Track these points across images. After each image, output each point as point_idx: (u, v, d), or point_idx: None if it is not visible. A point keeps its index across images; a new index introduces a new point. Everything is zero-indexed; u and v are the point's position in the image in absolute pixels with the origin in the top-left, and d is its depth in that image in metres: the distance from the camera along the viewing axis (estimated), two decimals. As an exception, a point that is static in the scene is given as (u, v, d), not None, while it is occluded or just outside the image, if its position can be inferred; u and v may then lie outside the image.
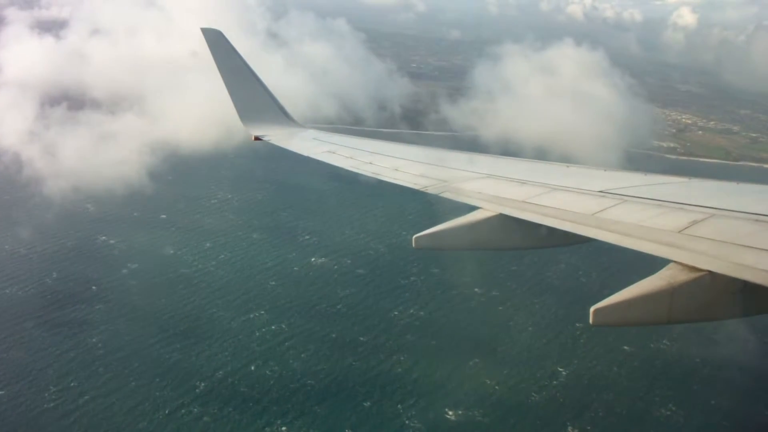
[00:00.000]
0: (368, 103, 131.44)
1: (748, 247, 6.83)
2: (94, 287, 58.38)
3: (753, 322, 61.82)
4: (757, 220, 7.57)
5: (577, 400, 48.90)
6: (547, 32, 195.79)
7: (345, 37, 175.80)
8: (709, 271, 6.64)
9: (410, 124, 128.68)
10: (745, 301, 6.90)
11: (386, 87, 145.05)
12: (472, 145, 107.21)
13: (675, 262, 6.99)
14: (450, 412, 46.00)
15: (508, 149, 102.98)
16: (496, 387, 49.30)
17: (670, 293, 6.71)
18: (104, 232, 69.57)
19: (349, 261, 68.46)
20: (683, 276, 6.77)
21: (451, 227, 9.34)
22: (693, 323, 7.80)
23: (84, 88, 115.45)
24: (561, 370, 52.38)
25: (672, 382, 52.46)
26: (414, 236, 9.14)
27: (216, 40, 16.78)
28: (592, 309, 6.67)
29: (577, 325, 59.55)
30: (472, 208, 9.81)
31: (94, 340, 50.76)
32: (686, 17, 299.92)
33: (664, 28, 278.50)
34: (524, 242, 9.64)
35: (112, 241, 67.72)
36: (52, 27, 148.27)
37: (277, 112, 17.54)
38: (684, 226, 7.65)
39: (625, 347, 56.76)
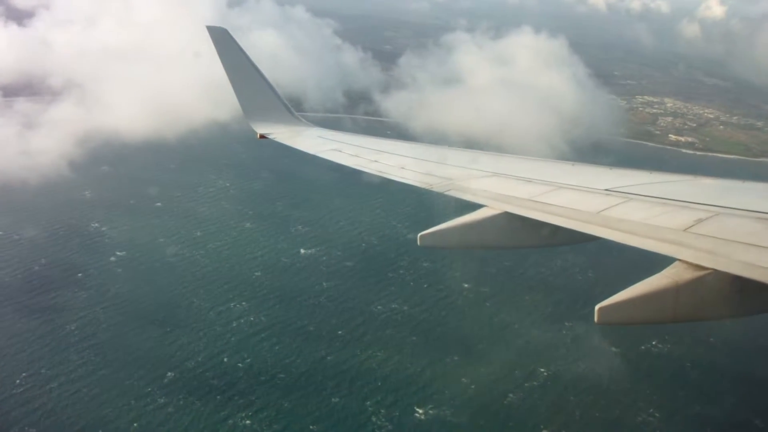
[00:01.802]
0: (311, 92, 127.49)
1: (752, 245, 6.85)
2: (79, 274, 58.88)
3: (752, 325, 59.64)
4: (761, 219, 7.56)
5: (553, 402, 47.55)
6: (558, 22, 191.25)
7: (303, 25, 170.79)
8: (714, 270, 6.66)
9: (349, 111, 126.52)
10: (750, 300, 6.95)
11: (341, 75, 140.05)
12: (401, 133, 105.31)
13: (680, 260, 6.99)
14: (419, 410, 45.12)
15: (433, 139, 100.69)
16: (472, 386, 48.20)
17: (675, 291, 6.72)
18: (98, 218, 70.19)
19: (339, 253, 67.81)
20: (688, 274, 6.79)
21: (456, 225, 9.37)
22: (697, 321, 7.51)
23: (43, 75, 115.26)
24: (542, 370, 50.97)
25: (657, 385, 50.67)
26: (419, 234, 9.16)
27: (221, 39, 16.83)
28: (597, 307, 6.67)
29: (566, 323, 58.08)
30: (477, 207, 9.82)
31: (71, 326, 51.14)
32: (714, 9, 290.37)
33: (689, 20, 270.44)
34: (530, 241, 9.73)
35: (104, 228, 68.30)
36: (24, 15, 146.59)
37: (282, 111, 17.71)
38: (689, 224, 7.66)
39: (613, 348, 55.02)
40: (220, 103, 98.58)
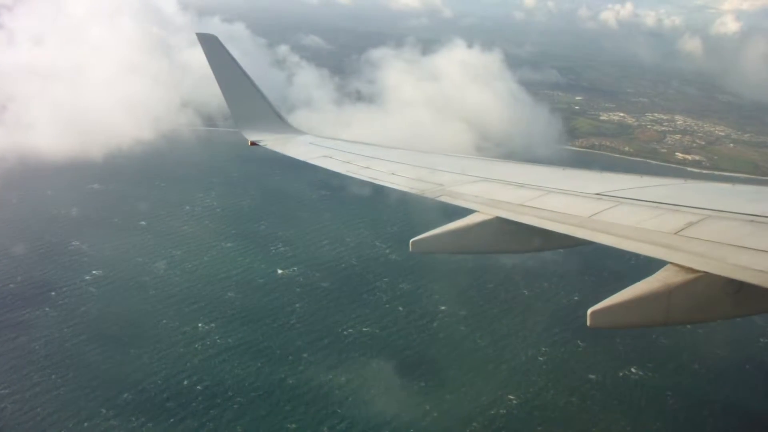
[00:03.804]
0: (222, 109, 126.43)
1: (743, 247, 6.87)
2: (52, 292, 59.03)
3: (741, 351, 57.29)
4: (751, 221, 7.60)
5: (517, 431, 45.91)
6: (566, 38, 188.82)
7: (243, 42, 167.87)
8: (706, 272, 6.70)
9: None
10: (741, 302, 7.02)
11: (276, 92, 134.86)
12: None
13: (671, 263, 7.04)
14: (373, 437, 43.93)
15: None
16: (434, 413, 46.79)
17: (667, 294, 6.79)
18: (79, 237, 70.57)
19: (317, 274, 67.04)
20: (680, 277, 6.85)
21: (447, 231, 9.38)
22: (690, 324, 7.54)
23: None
24: (510, 397, 49.31)
25: (631, 415, 48.71)
26: (411, 240, 9.17)
27: (211, 46, 17.00)
28: (589, 311, 6.73)
29: (542, 348, 56.41)
30: (469, 212, 9.80)
31: (35, 345, 51.13)
32: (729, 24, 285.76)
33: (690, 35, 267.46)
34: (521, 246, 9.75)
35: (84, 247, 68.60)
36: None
37: (274, 117, 17.67)
38: (680, 227, 7.70)
39: (591, 375, 53.22)
40: (144, 123, 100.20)
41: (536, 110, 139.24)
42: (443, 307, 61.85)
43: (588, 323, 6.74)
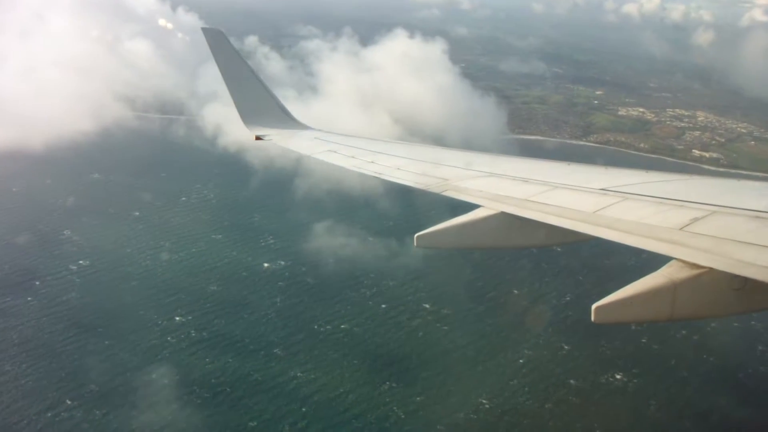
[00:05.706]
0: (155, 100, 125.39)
1: (748, 243, 6.86)
2: (37, 282, 59.65)
3: (735, 358, 54.95)
4: (757, 217, 7.59)
5: (485, 437, 44.70)
6: (573, 30, 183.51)
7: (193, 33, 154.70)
8: (711, 268, 6.70)
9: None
10: (746, 298, 7.03)
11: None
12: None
13: (676, 259, 7.04)
14: (334, 436, 43.23)
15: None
16: (401, 414, 45.91)
17: (672, 290, 6.81)
18: (72, 226, 71.22)
19: (303, 268, 66.42)
20: (684, 273, 6.87)
21: (452, 225, 9.40)
22: (695, 320, 7.77)
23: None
24: (484, 402, 47.94)
25: (607, 423, 46.94)
26: (415, 235, 9.17)
27: (217, 40, 17.00)
28: (593, 306, 6.72)
29: (525, 351, 54.86)
30: (473, 207, 9.83)
31: (11, 333, 51.70)
32: (758, 19, 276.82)
33: (704, 28, 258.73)
34: (526, 241, 9.78)
35: (75, 237, 69.19)
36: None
37: (279, 112, 17.79)
38: (685, 223, 7.70)
39: (571, 380, 51.59)
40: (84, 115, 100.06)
41: (479, 103, 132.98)
42: (426, 305, 60.69)
43: (593, 318, 6.71)
